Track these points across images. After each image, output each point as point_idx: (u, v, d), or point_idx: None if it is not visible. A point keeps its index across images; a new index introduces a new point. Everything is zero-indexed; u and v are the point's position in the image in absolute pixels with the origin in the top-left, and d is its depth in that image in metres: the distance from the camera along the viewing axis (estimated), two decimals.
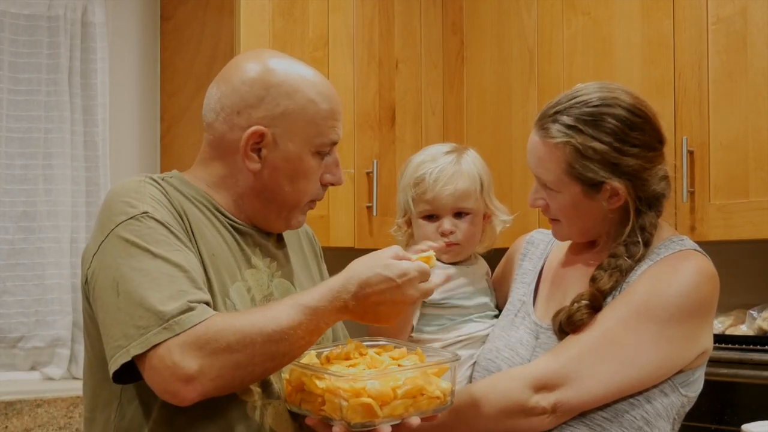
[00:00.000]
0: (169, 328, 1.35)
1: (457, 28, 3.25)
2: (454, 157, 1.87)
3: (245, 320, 1.40)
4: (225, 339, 1.36)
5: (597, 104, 1.63)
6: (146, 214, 1.46)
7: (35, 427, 2.81)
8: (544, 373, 1.58)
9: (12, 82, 2.88)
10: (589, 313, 1.61)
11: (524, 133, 2.98)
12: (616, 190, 1.63)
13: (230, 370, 1.37)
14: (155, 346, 1.35)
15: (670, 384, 1.62)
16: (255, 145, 1.56)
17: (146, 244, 1.43)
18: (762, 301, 2.56)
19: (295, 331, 1.39)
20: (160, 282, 1.39)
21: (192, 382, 1.35)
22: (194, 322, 1.36)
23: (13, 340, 2.87)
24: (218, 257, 1.54)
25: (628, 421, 1.59)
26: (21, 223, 2.88)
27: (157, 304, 1.36)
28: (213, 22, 2.96)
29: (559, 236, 1.75)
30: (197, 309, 1.37)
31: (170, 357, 1.34)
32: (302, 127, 1.56)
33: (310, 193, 1.62)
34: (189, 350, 1.35)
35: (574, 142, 1.62)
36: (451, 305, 1.85)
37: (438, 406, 1.45)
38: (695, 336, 1.62)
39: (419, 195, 1.85)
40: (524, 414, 1.58)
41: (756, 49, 2.41)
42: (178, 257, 1.43)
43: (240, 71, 1.60)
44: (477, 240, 1.91)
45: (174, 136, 3.13)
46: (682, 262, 1.63)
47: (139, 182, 1.53)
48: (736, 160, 2.44)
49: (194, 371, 1.34)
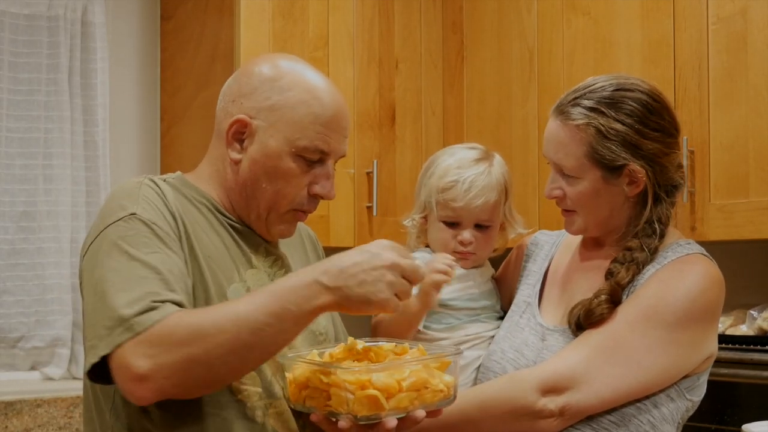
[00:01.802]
0: (130, 328, 1.33)
1: (457, 28, 3.25)
2: (486, 167, 1.85)
3: (204, 314, 1.37)
4: (177, 334, 1.33)
5: (616, 89, 1.65)
6: (134, 215, 1.46)
7: (35, 427, 2.81)
8: (552, 376, 1.57)
9: (12, 82, 2.88)
10: (610, 307, 1.60)
11: (524, 133, 3.00)
12: (636, 174, 1.62)
13: (184, 365, 1.33)
14: (118, 346, 1.34)
15: (676, 389, 1.61)
16: (238, 134, 1.56)
17: (126, 246, 1.42)
18: (762, 301, 2.56)
19: (254, 315, 1.34)
20: (130, 283, 1.38)
21: (145, 381, 1.33)
22: (153, 320, 1.34)
23: (13, 340, 2.87)
24: (214, 259, 1.53)
25: (635, 426, 1.58)
26: (21, 223, 2.88)
27: (122, 306, 1.35)
28: (213, 22, 2.96)
29: (573, 228, 1.71)
30: (159, 308, 1.35)
31: (125, 357, 1.33)
32: (286, 125, 1.54)
33: (290, 198, 1.57)
34: (142, 349, 1.33)
35: (596, 123, 1.62)
36: (458, 306, 1.85)
37: (442, 400, 1.44)
38: (702, 340, 1.61)
39: (446, 201, 1.83)
40: (532, 417, 1.57)
41: (756, 49, 2.41)
42: (154, 259, 1.42)
43: (248, 66, 1.61)
44: (492, 249, 1.90)
45: (174, 136, 3.13)
46: (689, 267, 1.62)
47: (136, 184, 1.53)
48: (736, 160, 2.44)
49: (145, 370, 1.32)
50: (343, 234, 3.01)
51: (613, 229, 1.70)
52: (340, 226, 3.00)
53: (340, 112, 1.58)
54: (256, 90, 1.57)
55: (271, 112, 1.55)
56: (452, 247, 1.85)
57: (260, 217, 1.59)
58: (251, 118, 1.55)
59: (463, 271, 1.86)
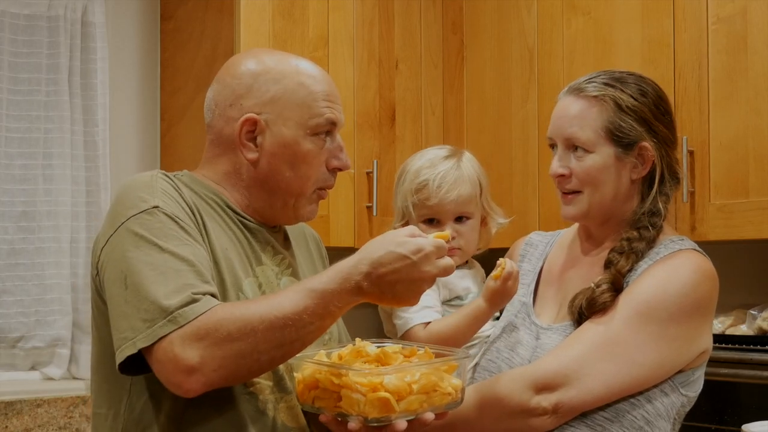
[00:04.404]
0: (173, 320, 1.35)
1: (457, 28, 3.25)
2: (454, 162, 1.87)
3: (247, 308, 1.39)
4: (225, 328, 1.35)
5: (628, 73, 1.71)
6: (157, 208, 1.47)
7: (35, 427, 2.82)
8: (545, 374, 1.58)
9: (12, 82, 2.88)
10: (612, 295, 1.61)
11: (524, 133, 3.00)
12: (647, 152, 1.65)
13: (233, 359, 1.36)
14: (160, 338, 1.35)
15: (670, 384, 1.62)
16: (249, 134, 1.58)
17: (155, 238, 1.43)
18: (762, 301, 2.56)
19: (300, 316, 1.37)
20: (166, 276, 1.39)
21: (194, 374, 1.34)
22: (197, 313, 1.35)
23: (13, 340, 2.87)
24: (231, 252, 1.54)
25: (629, 421, 1.59)
26: (21, 223, 2.88)
27: (162, 298, 1.37)
28: (213, 22, 2.96)
29: (575, 210, 1.70)
30: (201, 301, 1.37)
31: (172, 349, 1.34)
32: (294, 110, 1.57)
33: (314, 178, 1.60)
34: (190, 342, 1.34)
35: (614, 95, 1.65)
36: (460, 305, 1.85)
37: (450, 403, 1.45)
38: (695, 335, 1.62)
39: (421, 201, 1.85)
40: (526, 415, 1.58)
41: (756, 49, 2.41)
42: (185, 251, 1.43)
43: (230, 68, 1.63)
44: (476, 243, 1.92)
45: (174, 135, 3.13)
46: (681, 262, 1.63)
47: (151, 177, 1.54)
48: (736, 160, 2.44)
49: (195, 362, 1.34)
50: (343, 234, 3.01)
51: (612, 217, 1.70)
52: (340, 226, 3.01)
53: (331, 83, 1.63)
54: (251, 88, 1.58)
55: (274, 104, 1.57)
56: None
57: (287, 204, 1.61)
58: (258, 115, 1.57)
59: (459, 271, 1.87)
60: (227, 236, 1.57)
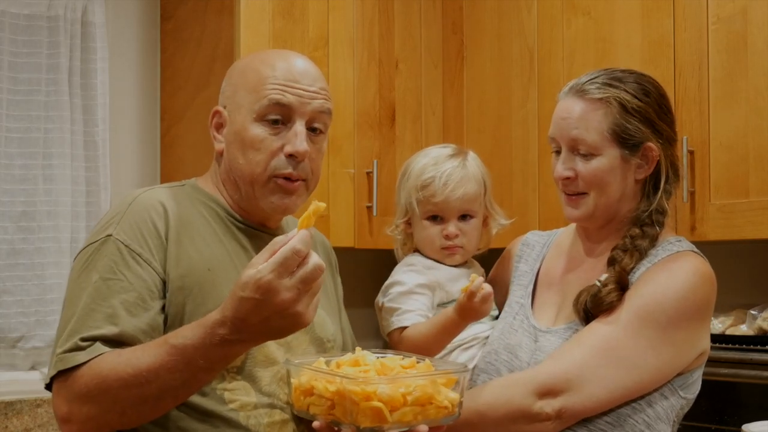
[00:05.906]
0: (57, 364, 1.40)
1: (457, 28, 3.24)
2: (460, 160, 1.88)
3: (108, 364, 1.37)
4: (85, 385, 1.37)
5: (630, 72, 1.70)
6: (110, 237, 1.48)
7: (35, 427, 2.81)
8: (548, 379, 1.57)
9: (12, 82, 2.88)
10: (619, 294, 1.60)
11: (524, 133, 3.00)
12: (651, 152, 1.65)
13: (99, 414, 1.38)
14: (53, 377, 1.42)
15: (669, 387, 1.62)
16: (218, 125, 1.62)
17: (92, 271, 1.46)
18: (762, 301, 2.56)
19: (157, 373, 1.33)
20: (78, 314, 1.43)
21: (67, 423, 1.40)
22: (74, 362, 1.38)
23: (13, 340, 2.87)
24: (216, 271, 1.53)
25: (630, 426, 1.59)
26: (21, 223, 2.87)
27: (63, 336, 1.42)
28: (213, 22, 2.96)
29: (581, 212, 1.69)
30: (86, 350, 1.39)
31: (53, 394, 1.42)
32: (245, 97, 1.57)
33: (264, 164, 1.55)
34: (61, 391, 1.40)
35: (618, 96, 1.65)
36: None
37: (446, 416, 1.44)
38: (694, 338, 1.62)
39: (426, 197, 1.85)
40: (528, 420, 1.57)
41: (756, 49, 2.40)
42: (115, 286, 1.44)
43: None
44: (478, 242, 1.92)
45: (174, 136, 3.13)
46: (679, 265, 1.62)
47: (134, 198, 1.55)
48: (736, 160, 2.44)
49: (65, 413, 1.39)
50: (343, 234, 3.01)
51: (615, 217, 1.70)
52: (340, 226, 3.00)
53: (296, 69, 1.57)
54: (226, 84, 1.63)
55: (234, 94, 1.60)
56: (439, 243, 1.86)
57: (249, 195, 1.58)
58: (224, 108, 1.61)
59: (457, 271, 1.87)
60: (224, 247, 1.56)
